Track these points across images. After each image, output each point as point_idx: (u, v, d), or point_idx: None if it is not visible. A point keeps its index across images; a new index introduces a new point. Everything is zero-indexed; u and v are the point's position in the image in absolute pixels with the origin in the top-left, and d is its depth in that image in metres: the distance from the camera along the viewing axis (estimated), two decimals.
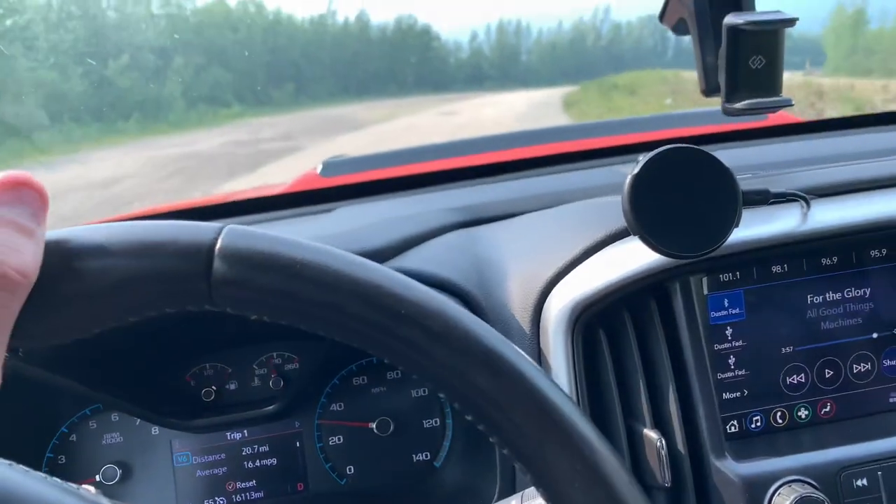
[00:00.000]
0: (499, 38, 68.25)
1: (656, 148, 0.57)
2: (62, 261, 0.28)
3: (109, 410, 0.66)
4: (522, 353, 0.30)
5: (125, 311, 0.29)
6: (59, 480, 0.24)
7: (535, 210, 0.68)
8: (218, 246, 0.29)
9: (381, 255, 0.59)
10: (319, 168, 1.00)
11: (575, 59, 73.58)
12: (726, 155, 0.57)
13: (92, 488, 0.26)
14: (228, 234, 0.30)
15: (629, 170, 0.59)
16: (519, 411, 0.28)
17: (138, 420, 0.65)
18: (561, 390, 0.30)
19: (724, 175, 0.47)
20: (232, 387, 0.65)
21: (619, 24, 78.62)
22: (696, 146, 0.47)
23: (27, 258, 0.26)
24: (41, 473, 0.24)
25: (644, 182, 0.46)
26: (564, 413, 0.29)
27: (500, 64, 66.12)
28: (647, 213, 0.46)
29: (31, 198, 0.28)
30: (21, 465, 0.24)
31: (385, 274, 0.30)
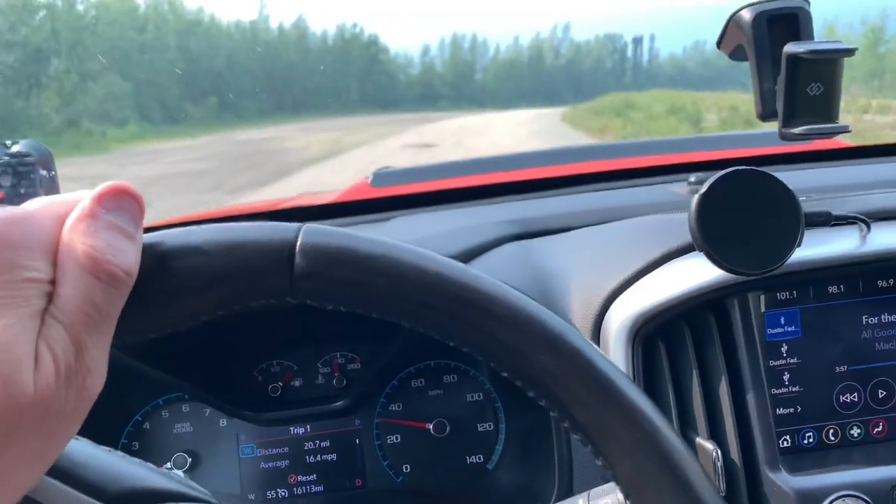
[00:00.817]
0: (453, 54, 65.81)
1: (706, 169, 0.67)
2: (158, 261, 0.30)
3: (181, 401, 0.69)
4: (580, 333, 0.32)
5: (215, 306, 0.31)
6: (152, 466, 0.30)
7: (589, 225, 0.69)
8: (298, 243, 0.31)
9: None
10: (370, 178, 1.01)
11: (533, 79, 71.54)
12: (783, 177, 0.61)
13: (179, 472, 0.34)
14: (307, 231, 0.32)
15: (686, 189, 0.69)
16: (580, 385, 0.30)
17: (208, 411, 0.69)
18: (616, 367, 0.31)
19: (787, 197, 0.49)
20: (297, 383, 0.68)
21: (578, 44, 76.98)
22: (761, 170, 0.49)
23: (130, 259, 0.29)
24: (137, 459, 0.29)
25: (711, 200, 0.48)
26: (622, 387, 0.30)
27: (455, 82, 63.68)
28: (713, 230, 0.49)
29: (130, 205, 0.30)
30: (118, 451, 0.31)
31: (449, 264, 0.32)
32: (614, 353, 0.54)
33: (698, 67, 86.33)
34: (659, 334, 0.55)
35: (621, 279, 0.56)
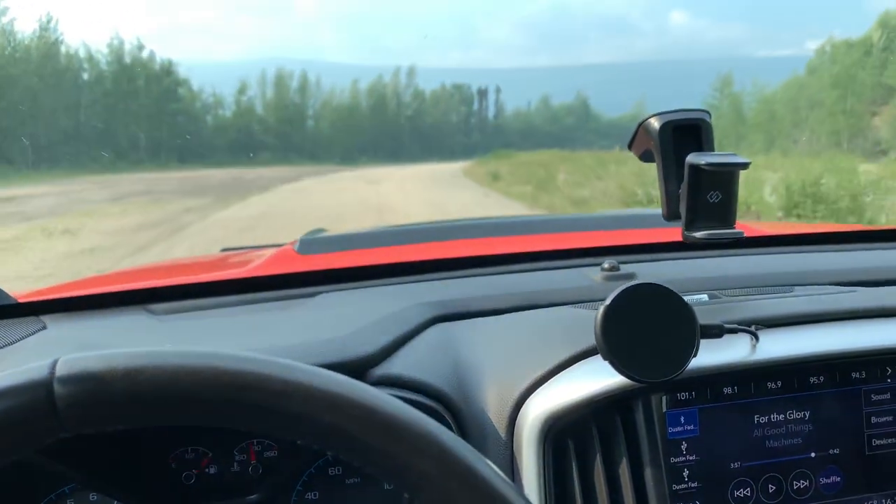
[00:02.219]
0: (278, 94, 56.42)
1: (621, 253, 0.79)
2: None
3: (87, 490, 0.63)
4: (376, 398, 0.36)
5: None
6: None
7: (508, 309, 0.73)
8: (56, 377, 0.32)
9: (371, 361, 0.63)
10: (297, 245, 1.04)
11: (375, 129, 63.22)
12: (686, 266, 0.77)
13: None
14: (63, 364, 0.33)
15: (599, 275, 0.78)
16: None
17: (115, 502, 0.64)
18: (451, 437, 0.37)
19: (685, 310, 0.54)
20: (212, 471, 0.64)
21: (422, 92, 70.27)
22: (661, 284, 0.54)
23: None
24: None
25: (614, 313, 0.53)
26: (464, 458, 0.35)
27: (279, 128, 53.90)
28: (616, 341, 0.53)
29: None
30: None
31: (213, 357, 0.34)
32: (527, 452, 0.57)
33: (545, 124, 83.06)
34: (568, 432, 0.58)
35: (534, 378, 0.60)
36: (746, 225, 1.07)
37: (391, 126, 63.40)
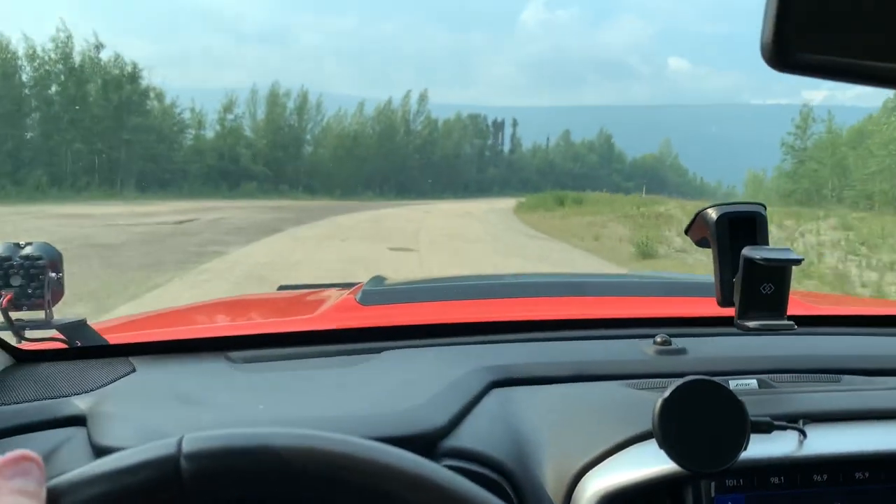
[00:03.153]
0: (271, 114, 49.46)
1: (678, 324, 0.86)
2: None
3: None
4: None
5: None
6: None
7: (566, 377, 0.77)
8: (183, 453, 0.39)
9: (442, 433, 0.65)
10: (359, 295, 1.08)
11: (382, 159, 55.88)
12: (736, 343, 0.82)
13: None
14: (188, 441, 0.39)
15: (652, 349, 0.81)
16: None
17: None
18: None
19: (736, 407, 0.56)
20: None
21: (435, 120, 63.39)
22: (714, 380, 0.56)
23: None
24: None
25: (671, 405, 0.56)
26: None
27: (271, 155, 46.73)
28: (671, 431, 0.56)
29: (30, 468, 0.35)
30: None
31: (325, 439, 0.41)
32: None
33: (566, 161, 75.26)
34: None
35: (591, 457, 0.62)
36: (799, 298, 1.09)
37: (399, 156, 56.26)
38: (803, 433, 0.62)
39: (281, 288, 1.48)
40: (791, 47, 0.30)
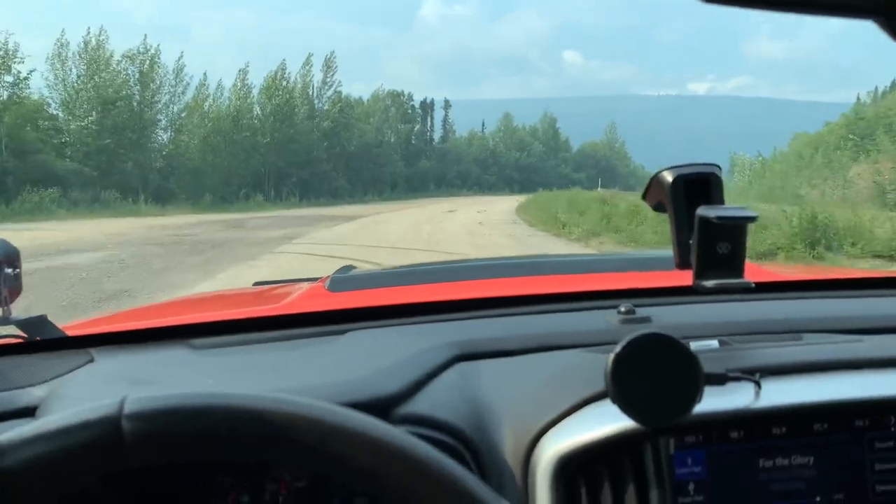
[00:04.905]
0: (90, 75, 29.73)
1: (642, 294, 0.87)
2: None
3: None
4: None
5: (56, 492, 0.35)
6: None
7: (529, 349, 0.77)
8: (124, 413, 0.39)
9: (396, 400, 0.66)
10: (328, 283, 1.08)
11: (278, 147, 40.06)
12: (699, 310, 0.84)
13: None
14: (130, 402, 0.40)
15: (616, 318, 0.81)
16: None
17: None
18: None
19: (689, 359, 0.56)
20: (244, 500, 0.66)
21: (347, 96, 46.21)
22: (666, 334, 0.56)
23: None
24: None
25: (623, 360, 0.56)
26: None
27: (95, 143, 28.71)
28: (624, 386, 0.55)
29: None
30: None
31: (263, 400, 0.41)
32: (541, 490, 0.60)
33: (510, 150, 60.54)
34: (580, 472, 0.60)
35: (548, 419, 0.62)
36: (759, 267, 1.15)
37: (300, 145, 40.28)
38: (758, 384, 0.62)
39: (256, 284, 1.45)
40: None
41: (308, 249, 10.26)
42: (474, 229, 15.33)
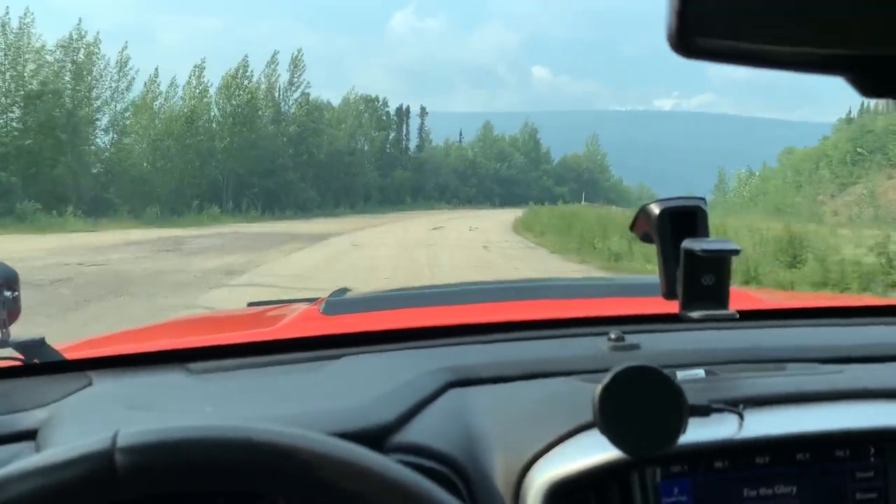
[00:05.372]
0: (13, 65, 24.61)
1: (631, 321, 0.89)
2: None
3: None
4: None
5: None
6: None
7: (521, 375, 0.78)
8: (117, 447, 0.40)
9: (389, 429, 0.66)
10: (322, 306, 1.09)
11: (238, 154, 36.21)
12: (686, 338, 0.86)
13: None
14: (123, 437, 0.40)
15: (606, 345, 0.82)
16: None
17: None
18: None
19: (674, 392, 0.57)
20: None
21: (315, 99, 41.93)
22: (653, 367, 0.58)
23: None
24: None
25: (610, 391, 0.57)
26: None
27: (22, 144, 24.33)
28: (611, 417, 0.57)
29: None
30: None
31: (256, 431, 0.42)
32: None
33: (490, 161, 57.02)
34: (570, 500, 0.61)
35: (539, 448, 0.63)
36: (748, 293, 1.22)
37: (263, 152, 36.22)
38: (741, 416, 0.63)
39: (250, 304, 1.47)
40: (694, 34, 0.30)
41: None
42: (484, 257, 11.76)
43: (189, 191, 30.26)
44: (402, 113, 53.12)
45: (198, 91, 33.67)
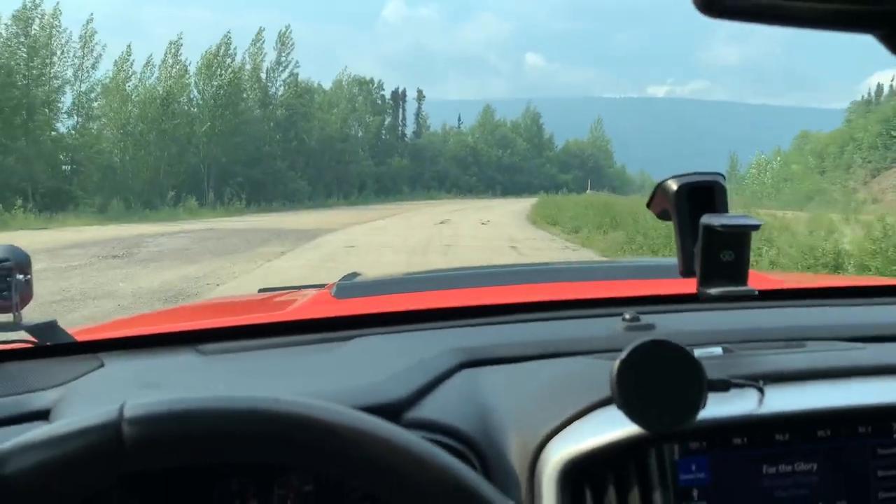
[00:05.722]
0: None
1: (647, 302, 0.86)
2: None
3: None
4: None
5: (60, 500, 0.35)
6: None
7: (535, 355, 0.76)
8: (125, 418, 0.39)
9: (404, 405, 0.65)
10: (334, 289, 1.08)
11: (219, 139, 33.26)
12: (703, 318, 0.85)
13: None
14: (130, 407, 0.40)
15: (621, 326, 0.81)
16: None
17: None
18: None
19: (693, 366, 0.56)
20: None
21: (305, 81, 40.06)
22: (671, 341, 0.57)
23: None
24: None
25: (629, 366, 0.56)
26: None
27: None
28: (629, 392, 0.56)
29: None
30: None
31: (265, 402, 0.42)
32: (546, 494, 0.60)
33: (491, 148, 54.23)
34: (586, 476, 0.61)
35: (554, 424, 0.62)
36: (764, 275, 1.17)
37: (248, 137, 33.19)
38: (761, 391, 0.62)
39: (261, 290, 1.45)
40: None
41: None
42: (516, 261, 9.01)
43: (166, 181, 27.30)
44: (398, 97, 50.07)
45: (175, 70, 30.60)
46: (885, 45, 0.30)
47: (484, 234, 14.48)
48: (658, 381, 0.56)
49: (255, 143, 32.42)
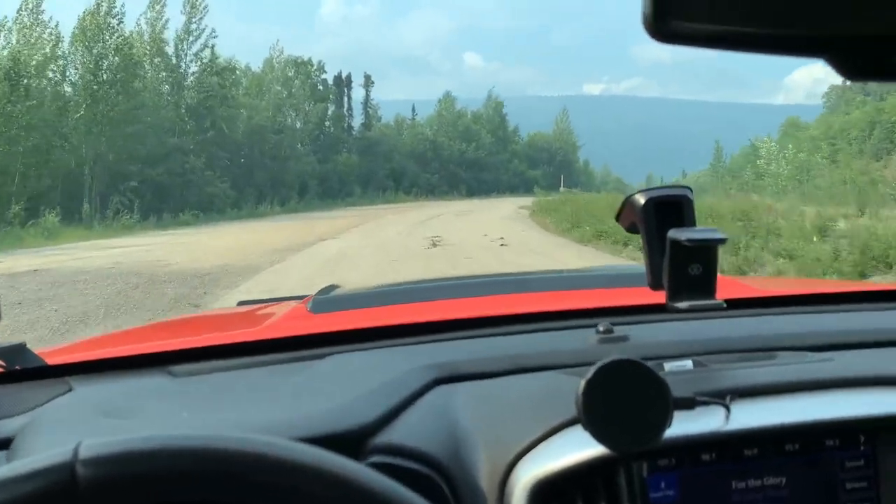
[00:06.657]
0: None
1: (619, 313, 0.89)
2: None
3: None
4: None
5: None
6: None
7: (510, 370, 0.77)
8: (79, 458, 0.39)
9: (370, 430, 0.65)
10: (310, 304, 1.09)
11: (101, 130, 24.62)
12: (675, 328, 0.86)
13: None
14: (85, 448, 0.39)
15: (594, 338, 0.81)
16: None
17: None
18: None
19: (659, 386, 0.56)
20: None
21: (230, 60, 30.50)
22: (637, 361, 0.57)
23: None
24: None
25: (593, 387, 0.56)
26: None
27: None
28: (596, 412, 0.56)
29: None
30: None
31: (216, 440, 0.41)
32: None
33: (454, 141, 46.65)
34: (556, 496, 0.60)
35: (523, 445, 0.62)
36: (735, 281, 1.22)
37: (147, 127, 24.82)
38: (727, 408, 0.62)
39: (241, 303, 1.43)
40: (671, 18, 0.30)
41: None
42: None
43: (18, 189, 19.04)
44: (343, 82, 42.50)
45: (36, 36, 22.19)
46: (834, 68, 0.31)
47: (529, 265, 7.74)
48: (624, 400, 0.55)
49: (157, 135, 24.43)
